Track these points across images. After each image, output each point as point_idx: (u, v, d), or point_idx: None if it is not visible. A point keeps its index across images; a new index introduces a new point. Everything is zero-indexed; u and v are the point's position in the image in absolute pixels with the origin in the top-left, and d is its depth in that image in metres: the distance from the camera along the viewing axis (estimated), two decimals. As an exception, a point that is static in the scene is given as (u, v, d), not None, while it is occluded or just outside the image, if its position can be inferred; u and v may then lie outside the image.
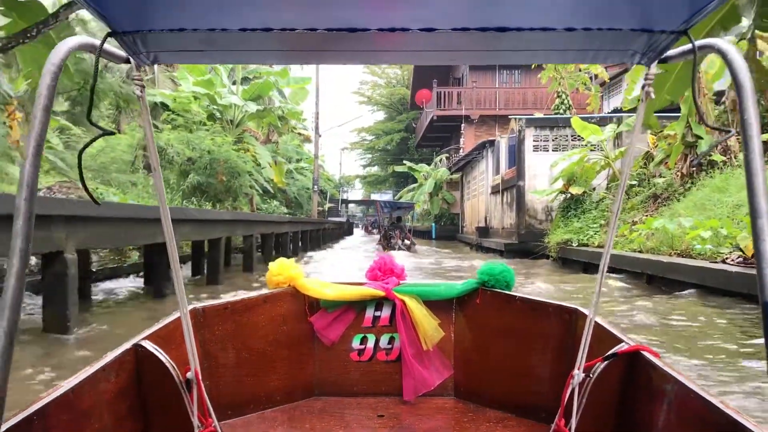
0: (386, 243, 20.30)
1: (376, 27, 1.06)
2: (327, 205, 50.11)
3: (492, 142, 21.28)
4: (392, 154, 46.98)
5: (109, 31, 1.07)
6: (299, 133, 24.90)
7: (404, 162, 34.52)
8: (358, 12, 1.04)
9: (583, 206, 13.96)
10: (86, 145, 1.21)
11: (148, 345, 1.50)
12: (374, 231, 35.80)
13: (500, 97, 32.17)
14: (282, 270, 2.28)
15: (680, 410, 1.21)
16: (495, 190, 20.45)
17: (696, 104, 1.06)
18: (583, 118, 14.67)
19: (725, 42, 0.96)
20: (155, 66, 3.54)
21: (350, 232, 48.24)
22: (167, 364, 1.48)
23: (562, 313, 1.97)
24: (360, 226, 56.37)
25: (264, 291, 2.24)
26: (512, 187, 17.66)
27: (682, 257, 7.99)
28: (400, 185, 45.81)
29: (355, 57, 1.25)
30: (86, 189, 1.14)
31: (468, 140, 32.58)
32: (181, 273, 1.40)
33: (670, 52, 1.11)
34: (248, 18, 1.05)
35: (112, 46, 1.11)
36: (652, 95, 1.15)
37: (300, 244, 19.15)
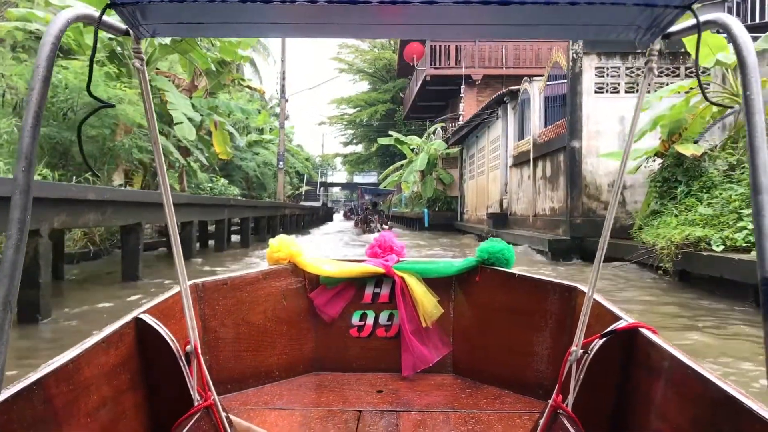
0: (365, 227, 21.02)
1: None
2: (304, 188, 44.68)
3: (513, 94, 15.17)
4: (376, 129, 40.50)
5: (109, 2, 1.04)
6: (249, 87, 18.55)
7: (390, 133, 28.23)
8: None
9: (703, 178, 7.96)
10: (86, 118, 1.37)
11: (148, 318, 1.50)
12: (353, 217, 33.80)
13: (508, 54, 26.24)
14: (282, 246, 2.29)
15: (678, 387, 1.22)
16: (520, 161, 14.39)
17: (699, 80, 1.10)
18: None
19: (730, 16, 0.94)
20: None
21: (328, 219, 42.40)
22: (167, 338, 1.46)
23: (561, 290, 1.99)
24: (342, 211, 52.89)
25: (264, 267, 2.25)
26: (555, 153, 11.59)
27: None
28: (385, 164, 39.49)
29: (357, 30, 1.26)
30: (86, 162, 0.81)
31: (469, 106, 26.59)
32: (180, 249, 1.37)
33: (674, 28, 1.10)
34: None
35: (111, 18, 1.10)
36: (656, 71, 1.19)
37: (242, 236, 13.40)
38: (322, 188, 58.09)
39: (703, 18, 0.98)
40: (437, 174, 26.60)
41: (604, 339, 1.39)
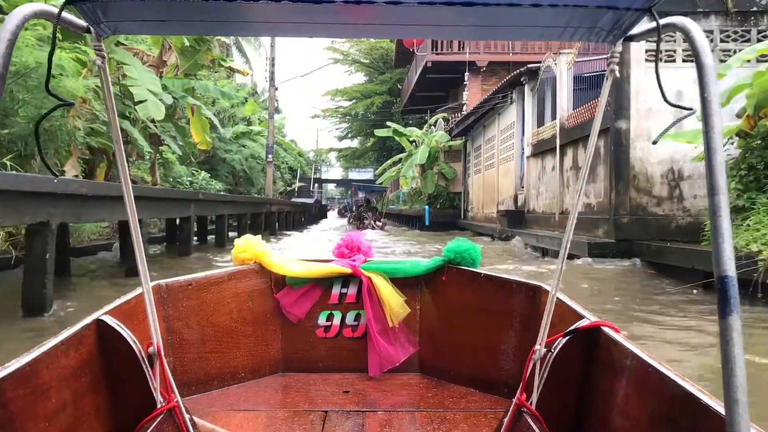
0: (359, 223, 21.65)
1: None
2: (297, 184, 42.74)
3: (533, 73, 13.21)
4: (373, 122, 38.45)
5: None
6: (230, 68, 16.53)
7: (388, 124, 26.22)
8: None
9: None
10: (44, 116, 1.42)
11: (109, 320, 1.47)
12: (347, 214, 33.21)
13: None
14: (248, 247, 2.26)
15: (639, 384, 1.23)
16: (541, 150, 12.44)
17: (659, 82, 1.09)
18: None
19: (688, 20, 0.94)
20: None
21: (322, 216, 40.45)
22: (129, 339, 1.44)
23: (526, 290, 2.00)
24: (336, 209, 51.23)
25: (230, 268, 2.22)
26: (586, 139, 9.62)
27: None
28: (381, 159, 37.43)
29: (320, 30, 1.22)
30: (44, 161, 0.69)
31: (473, 95, 24.69)
32: (143, 248, 1.31)
33: (635, 31, 1.11)
34: None
35: (71, 14, 1.07)
36: (617, 73, 1.20)
37: (217, 236, 11.40)
38: (316, 185, 56.39)
39: (663, 21, 0.99)
40: (439, 168, 24.63)
41: (567, 337, 1.42)
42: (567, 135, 10.79)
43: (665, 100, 1.14)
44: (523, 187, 14.26)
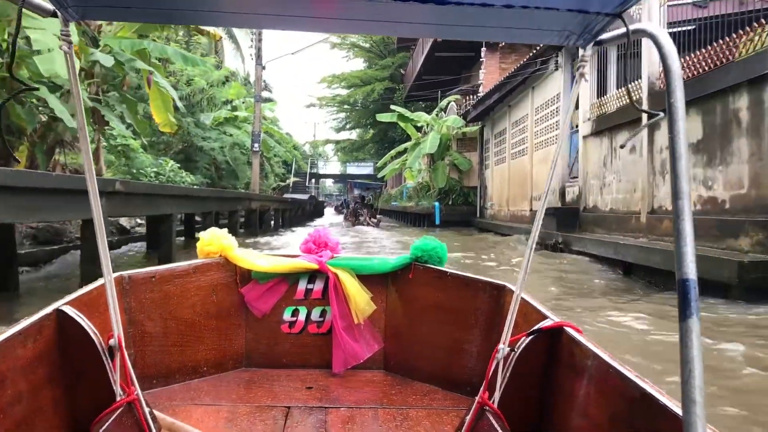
0: (354, 220, 22.35)
1: None
2: (292, 180, 39.54)
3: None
4: (373, 111, 35.07)
5: None
6: (197, 32, 13.27)
7: (392, 108, 22.95)
8: None
9: None
10: (6, 100, 1.35)
11: (69, 310, 1.43)
12: (344, 210, 32.17)
13: (538, 11, 20.90)
14: (213, 240, 2.23)
15: (599, 384, 1.24)
16: (609, 126, 9.17)
17: (627, 87, 1.30)
18: None
19: (657, 26, 0.97)
20: None
21: (318, 214, 37.23)
22: (89, 330, 1.41)
23: (491, 289, 2.00)
24: (334, 206, 48.60)
25: (194, 261, 2.19)
26: (714, 99, 6.38)
27: None
28: (382, 152, 34.03)
29: (293, 23, 1.17)
30: (6, 147, 0.83)
31: (490, 74, 21.48)
32: (105, 239, 1.31)
33: (605, 36, 1.12)
34: None
35: None
36: (587, 77, 1.13)
37: (157, 239, 8.23)
38: (312, 180, 53.28)
39: (632, 27, 1.00)
40: (451, 159, 21.41)
41: (530, 337, 1.42)
42: (658, 100, 7.54)
43: (632, 104, 1.26)
44: (575, 178, 11.02)
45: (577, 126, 10.73)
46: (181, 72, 18.53)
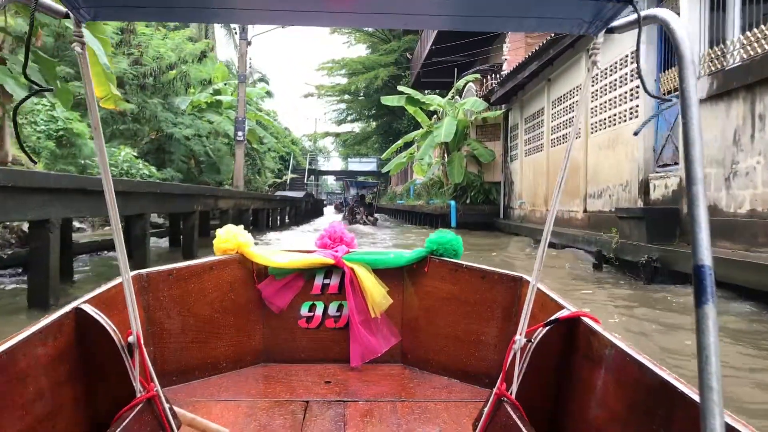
0: (351, 218, 23.53)
1: None
2: (289, 176, 36.45)
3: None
4: (375, 102, 31.80)
5: None
6: None
7: (400, 89, 19.71)
8: None
9: None
10: (21, 102, 1.26)
11: (89, 308, 1.46)
12: (344, 209, 31.32)
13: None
14: (230, 237, 2.25)
15: (617, 373, 1.24)
16: (746, 82, 5.95)
17: (639, 73, 1.08)
18: None
19: (669, 12, 0.95)
20: None
21: (316, 214, 34.11)
22: (108, 328, 1.43)
23: (507, 281, 2.03)
24: (333, 204, 46.32)
25: (211, 258, 2.21)
26: None
27: None
28: (386, 145, 30.74)
29: (308, 18, 1.18)
30: (23, 148, 1.15)
31: (514, 52, 18.31)
32: (122, 238, 1.31)
33: (616, 22, 1.11)
34: None
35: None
36: (599, 65, 1.20)
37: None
38: (311, 176, 50.13)
39: (644, 13, 1.00)
40: (470, 149, 18.19)
41: (547, 327, 1.42)
42: None
43: (646, 91, 1.19)
44: (665, 166, 7.80)
45: (668, 93, 7.54)
46: (146, 44, 15.35)
